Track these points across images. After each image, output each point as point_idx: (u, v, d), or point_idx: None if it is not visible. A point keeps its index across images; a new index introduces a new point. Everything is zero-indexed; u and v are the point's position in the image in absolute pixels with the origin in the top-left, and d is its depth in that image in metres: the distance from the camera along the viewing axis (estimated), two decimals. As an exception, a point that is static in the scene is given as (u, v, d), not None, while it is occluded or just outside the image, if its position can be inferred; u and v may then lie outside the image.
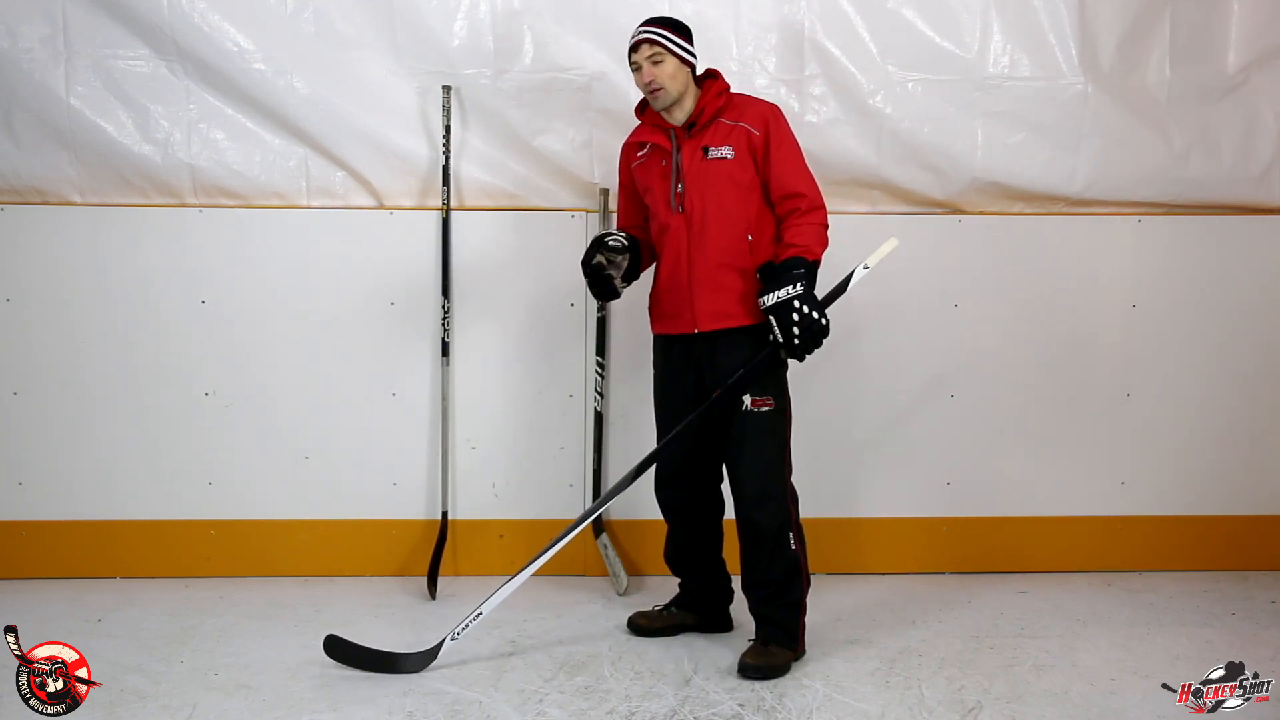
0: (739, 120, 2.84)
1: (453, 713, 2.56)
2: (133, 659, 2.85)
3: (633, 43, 2.86)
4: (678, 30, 2.87)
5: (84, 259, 3.44)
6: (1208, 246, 3.59)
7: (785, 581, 2.84)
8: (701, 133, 2.85)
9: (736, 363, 2.82)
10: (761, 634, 2.85)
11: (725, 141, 2.83)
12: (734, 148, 2.82)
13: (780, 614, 2.84)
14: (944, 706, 2.59)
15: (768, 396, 2.82)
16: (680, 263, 2.85)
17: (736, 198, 2.82)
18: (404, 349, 3.51)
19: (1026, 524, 3.62)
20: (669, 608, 3.10)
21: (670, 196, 2.86)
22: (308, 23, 3.43)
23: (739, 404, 2.81)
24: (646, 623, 3.06)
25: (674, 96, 2.84)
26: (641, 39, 2.84)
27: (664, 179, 2.88)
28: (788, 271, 2.72)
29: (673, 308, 2.89)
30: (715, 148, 2.83)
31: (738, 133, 2.83)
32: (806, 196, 2.81)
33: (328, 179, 3.50)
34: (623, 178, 3.06)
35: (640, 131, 2.97)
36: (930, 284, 3.53)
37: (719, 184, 2.82)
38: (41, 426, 3.47)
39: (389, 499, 3.54)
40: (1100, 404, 3.60)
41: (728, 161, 2.82)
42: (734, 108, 2.87)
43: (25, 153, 3.42)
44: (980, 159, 3.52)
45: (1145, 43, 3.53)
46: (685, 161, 2.85)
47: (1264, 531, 3.65)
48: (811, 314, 2.69)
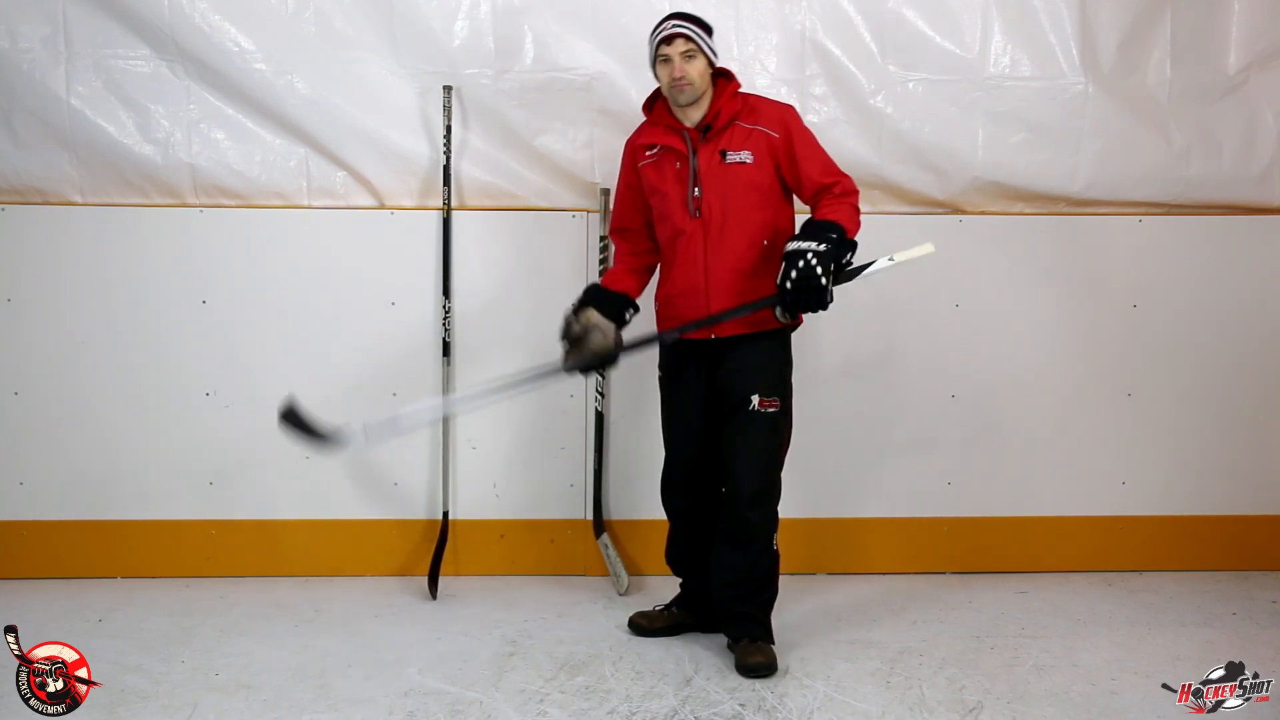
0: (756, 124, 2.82)
1: (453, 713, 2.56)
2: (133, 659, 2.85)
3: (666, 34, 2.80)
4: (705, 28, 2.85)
5: (85, 259, 3.44)
6: (1208, 246, 3.59)
7: (765, 580, 2.87)
8: (719, 136, 2.82)
9: (744, 364, 2.81)
10: (749, 631, 2.85)
11: (744, 145, 2.81)
12: (753, 151, 2.80)
13: (760, 610, 2.87)
14: (945, 706, 2.59)
15: (774, 398, 2.82)
16: (697, 268, 2.83)
17: (755, 202, 2.81)
18: (404, 349, 3.51)
19: (1026, 524, 3.62)
20: (670, 608, 3.10)
21: (688, 201, 2.83)
22: (308, 23, 3.43)
23: (746, 403, 2.80)
24: (647, 623, 3.06)
25: (698, 94, 2.82)
26: (677, 33, 2.79)
27: (679, 182, 2.85)
28: (823, 230, 2.68)
29: (688, 312, 2.85)
30: (734, 152, 2.81)
31: (756, 136, 2.81)
32: (840, 183, 2.81)
33: (328, 179, 3.50)
34: (627, 177, 3.01)
35: (650, 131, 2.93)
36: (931, 283, 3.52)
37: (738, 189, 2.80)
38: (41, 426, 3.47)
39: (390, 499, 3.54)
40: (1101, 403, 3.60)
41: (747, 166, 2.80)
42: (750, 111, 2.85)
43: (26, 153, 3.42)
44: (981, 159, 3.52)
45: (1146, 43, 3.53)
46: (703, 165, 2.82)
47: (1264, 531, 3.65)
48: (815, 269, 2.60)
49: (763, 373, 2.82)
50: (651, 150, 2.91)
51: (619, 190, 3.06)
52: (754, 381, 2.81)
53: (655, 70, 2.88)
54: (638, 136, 2.98)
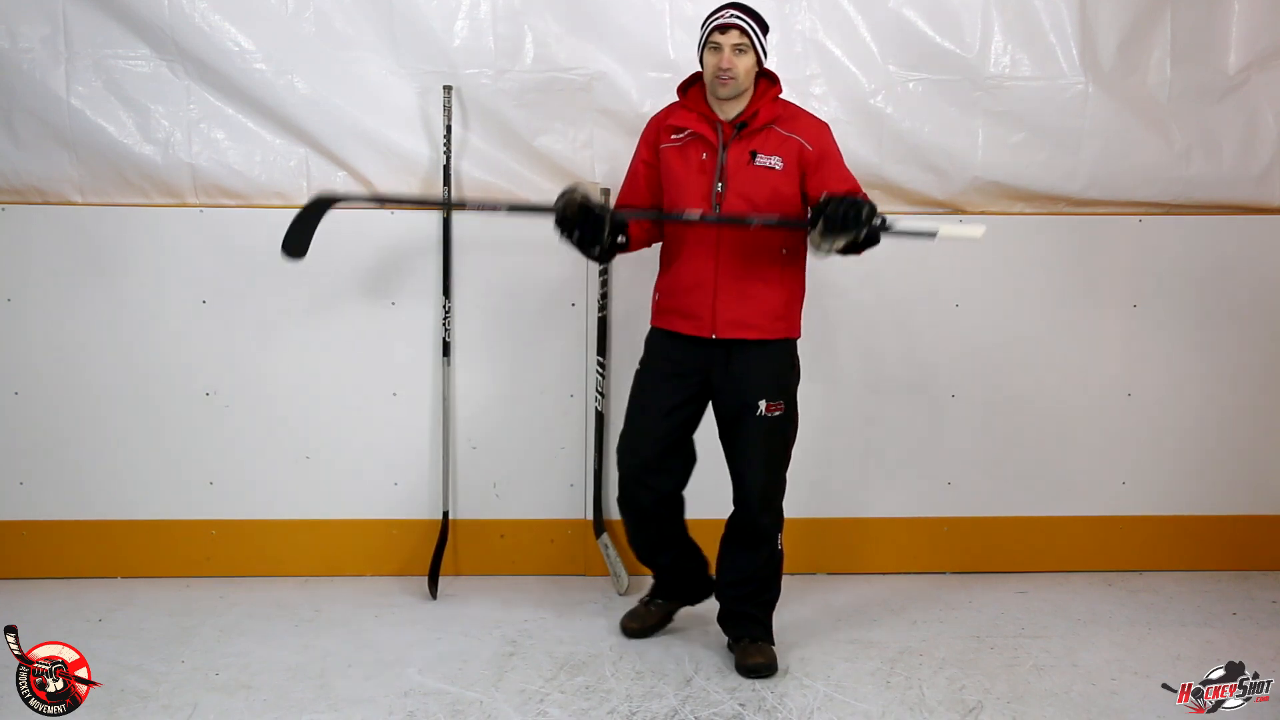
0: (793, 132, 2.77)
1: (453, 713, 2.56)
2: (133, 659, 2.85)
3: (721, 22, 2.71)
4: (763, 25, 2.77)
5: (85, 259, 3.44)
6: (1208, 246, 3.58)
7: (770, 579, 2.87)
8: (753, 136, 2.76)
9: (749, 370, 2.77)
10: (749, 631, 2.86)
11: (776, 151, 2.75)
12: (784, 159, 2.75)
13: (763, 611, 2.88)
14: (945, 706, 2.60)
15: (779, 402, 2.80)
16: (707, 263, 2.76)
17: (776, 208, 2.74)
18: (404, 349, 3.50)
19: (1026, 524, 3.62)
20: (654, 600, 3.09)
21: (710, 194, 2.76)
22: (308, 23, 3.43)
23: (754, 409, 2.77)
24: (639, 625, 3.05)
25: (740, 90, 2.74)
26: (733, 23, 2.70)
27: (702, 173, 2.77)
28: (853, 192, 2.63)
29: (691, 308, 2.79)
30: (765, 155, 2.75)
31: (790, 144, 2.75)
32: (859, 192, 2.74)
33: (329, 179, 3.50)
34: (645, 153, 2.88)
35: (681, 114, 2.82)
36: (931, 283, 3.52)
37: (764, 193, 2.74)
38: (42, 426, 3.47)
39: (389, 499, 3.54)
40: (1101, 404, 3.60)
41: (775, 172, 2.74)
42: (790, 118, 2.79)
43: (26, 153, 3.41)
44: (981, 159, 3.51)
45: (1146, 43, 3.53)
46: (730, 162, 2.76)
47: (1264, 531, 3.65)
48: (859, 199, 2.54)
49: (769, 378, 2.79)
50: (679, 134, 2.81)
51: (633, 166, 2.94)
52: (761, 387, 2.78)
53: (701, 55, 2.77)
54: (667, 116, 2.87)
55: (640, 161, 2.91)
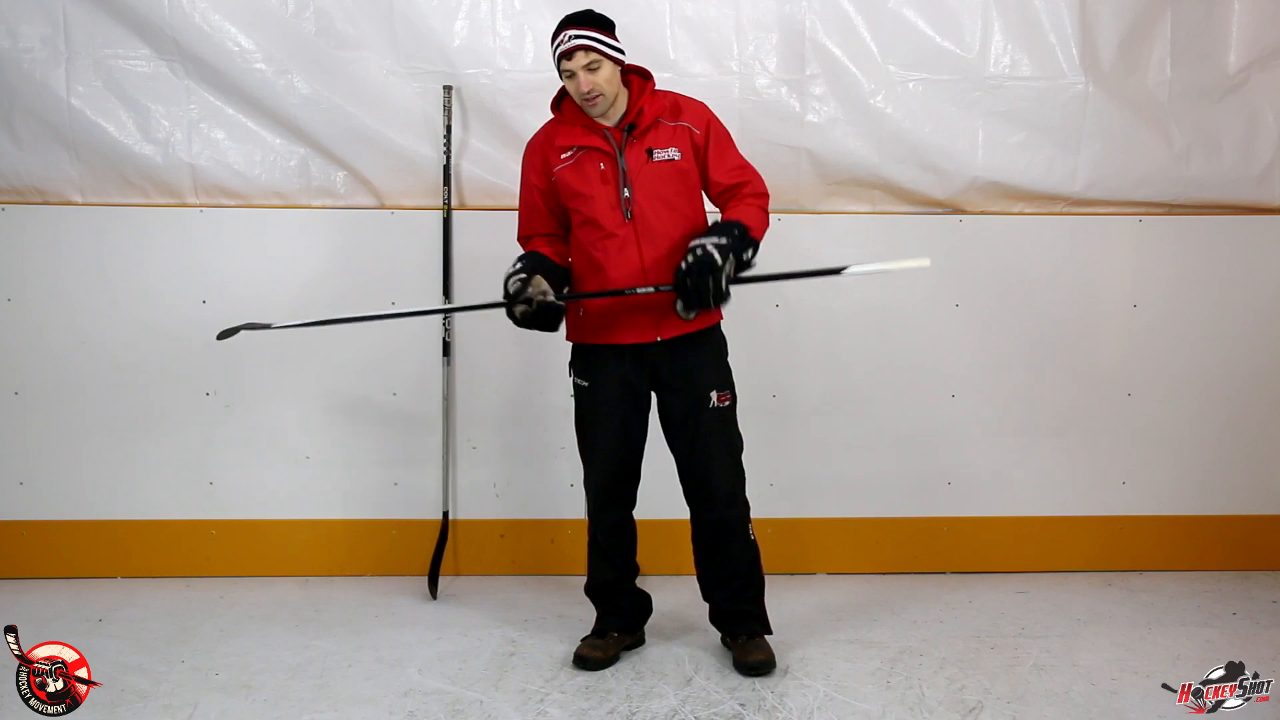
0: (680, 120, 2.77)
1: (453, 713, 2.56)
2: (133, 659, 2.85)
3: (564, 49, 2.66)
4: (606, 28, 2.72)
5: (85, 259, 3.44)
6: (1208, 246, 3.58)
7: (750, 571, 2.86)
8: (644, 134, 2.74)
9: (697, 363, 2.76)
10: (745, 628, 2.86)
11: (670, 143, 2.74)
12: (679, 148, 2.74)
13: (753, 605, 2.87)
14: (945, 706, 2.59)
15: (726, 391, 2.80)
16: (633, 269, 2.71)
17: (685, 199, 2.76)
18: (404, 349, 3.51)
19: (1026, 524, 3.62)
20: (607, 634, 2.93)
21: (619, 201, 2.72)
22: (308, 23, 3.43)
23: (705, 401, 2.76)
24: (602, 654, 2.86)
25: (611, 101, 2.72)
26: (576, 46, 2.65)
27: (605, 183, 2.73)
28: (724, 227, 2.65)
29: (632, 317, 2.74)
30: (660, 149, 2.73)
31: (680, 133, 2.76)
32: (749, 183, 2.77)
33: (328, 179, 3.50)
34: (536, 180, 2.83)
35: (565, 132, 2.78)
36: (930, 284, 3.52)
37: (668, 187, 2.74)
38: (42, 426, 3.47)
39: (389, 499, 3.54)
40: (1101, 404, 3.60)
41: (675, 163, 2.74)
42: (674, 109, 2.78)
43: (26, 153, 3.42)
44: (981, 159, 3.52)
45: (1146, 43, 3.53)
46: (631, 165, 2.73)
47: (1264, 531, 3.65)
48: (714, 256, 2.56)
49: (714, 368, 2.79)
50: (569, 152, 2.76)
51: (527, 197, 2.87)
52: (710, 378, 2.77)
53: (563, 81, 2.74)
54: (549, 137, 2.81)
55: (533, 190, 2.85)
